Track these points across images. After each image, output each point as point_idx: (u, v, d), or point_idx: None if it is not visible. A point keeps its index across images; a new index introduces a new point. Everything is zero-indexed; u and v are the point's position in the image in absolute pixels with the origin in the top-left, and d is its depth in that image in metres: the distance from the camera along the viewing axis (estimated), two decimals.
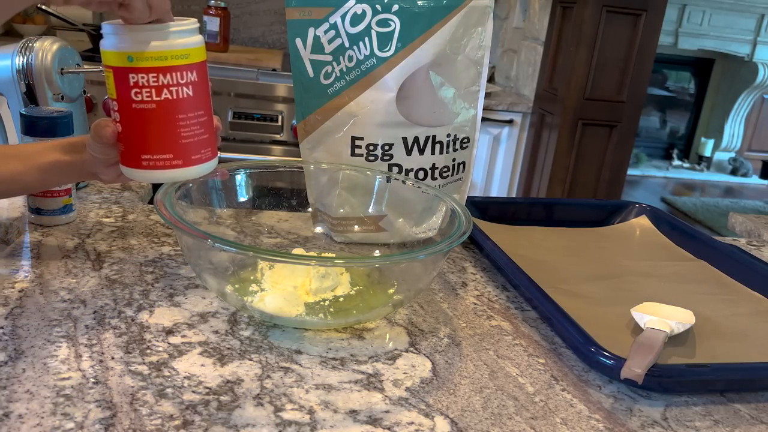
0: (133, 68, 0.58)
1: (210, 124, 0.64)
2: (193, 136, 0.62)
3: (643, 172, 5.29)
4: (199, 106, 0.62)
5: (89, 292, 0.67)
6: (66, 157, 0.69)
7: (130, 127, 0.61)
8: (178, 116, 0.61)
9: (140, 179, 0.64)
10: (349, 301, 0.69)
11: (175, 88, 0.60)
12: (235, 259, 0.72)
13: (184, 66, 0.60)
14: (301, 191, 0.88)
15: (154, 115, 0.60)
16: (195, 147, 0.62)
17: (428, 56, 0.80)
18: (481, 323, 0.70)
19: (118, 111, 0.61)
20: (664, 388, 0.61)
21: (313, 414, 0.52)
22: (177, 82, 0.59)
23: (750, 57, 5.10)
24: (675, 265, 0.91)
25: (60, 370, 0.54)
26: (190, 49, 0.60)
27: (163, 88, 0.59)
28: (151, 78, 0.59)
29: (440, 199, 0.78)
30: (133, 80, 0.58)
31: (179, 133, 0.61)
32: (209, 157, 0.64)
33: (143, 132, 0.61)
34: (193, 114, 0.61)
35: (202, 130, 0.62)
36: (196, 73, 0.61)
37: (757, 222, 1.23)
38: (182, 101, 0.60)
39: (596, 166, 2.42)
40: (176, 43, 0.59)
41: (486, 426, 0.53)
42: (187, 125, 0.61)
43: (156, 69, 0.58)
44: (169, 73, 0.59)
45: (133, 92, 0.59)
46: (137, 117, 0.60)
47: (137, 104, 0.59)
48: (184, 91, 0.60)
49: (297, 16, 0.81)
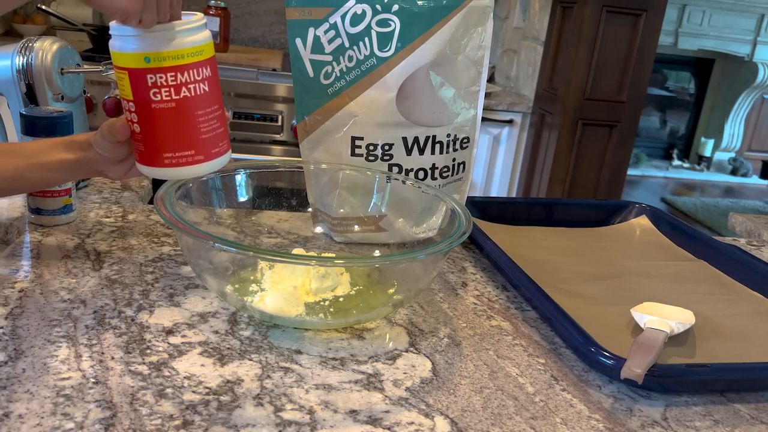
0: (151, 69, 0.59)
1: (224, 117, 0.65)
2: (212, 131, 0.63)
3: (643, 172, 5.29)
4: (214, 100, 0.63)
5: (89, 292, 0.67)
6: (71, 155, 0.69)
7: (150, 127, 0.62)
8: (197, 113, 0.62)
9: (162, 177, 0.65)
10: (349, 301, 0.69)
11: (193, 86, 0.60)
12: (235, 259, 0.72)
13: (199, 62, 0.61)
14: (301, 191, 0.88)
15: (175, 114, 0.61)
16: (214, 141, 0.64)
17: (428, 56, 0.80)
18: (481, 323, 0.70)
19: (136, 112, 0.61)
20: (664, 388, 0.61)
21: (313, 414, 0.52)
22: (194, 79, 0.60)
23: (750, 57, 5.10)
24: (675, 265, 0.91)
25: (60, 370, 0.54)
26: (203, 45, 0.61)
27: (181, 87, 0.60)
28: (170, 77, 0.59)
29: (440, 199, 0.78)
30: (152, 81, 0.59)
31: (199, 129, 0.62)
32: (226, 150, 0.66)
33: (164, 131, 0.61)
34: (210, 109, 0.63)
35: (218, 123, 0.64)
36: (209, 69, 0.62)
37: (757, 222, 1.23)
38: (200, 97, 0.61)
39: (596, 166, 2.42)
40: (190, 40, 0.60)
41: (486, 426, 0.53)
42: (206, 120, 0.62)
43: (174, 68, 0.59)
44: (187, 71, 0.60)
45: (152, 92, 0.60)
46: (157, 117, 0.61)
47: (157, 104, 0.60)
48: (201, 88, 0.61)
49: (297, 16, 0.81)
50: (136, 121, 0.62)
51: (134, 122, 0.62)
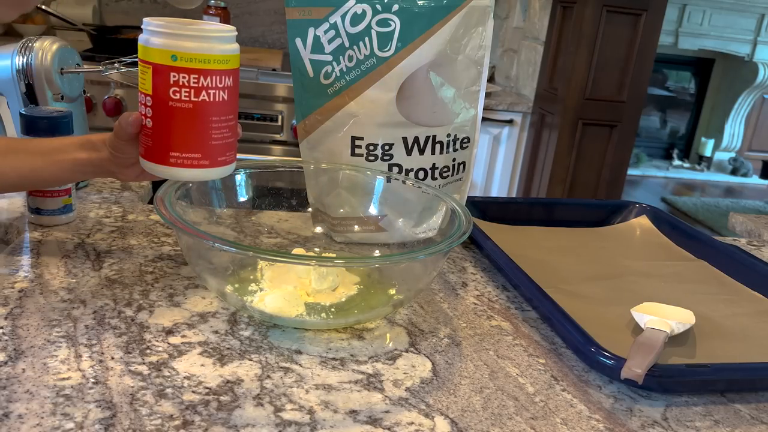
0: (175, 67, 0.60)
1: (235, 128, 0.66)
2: (222, 139, 0.64)
3: (644, 172, 5.29)
4: (230, 110, 0.64)
5: (89, 292, 0.67)
6: (85, 154, 0.70)
7: (163, 123, 0.62)
8: (211, 118, 0.63)
9: (164, 176, 0.65)
10: (349, 301, 0.69)
11: (213, 91, 0.62)
12: (235, 259, 0.72)
13: (223, 71, 0.62)
14: (301, 191, 0.88)
15: (190, 115, 0.62)
16: (222, 149, 0.64)
17: (428, 56, 0.80)
18: (481, 323, 0.70)
19: (152, 107, 0.62)
20: (664, 388, 0.61)
21: (313, 414, 0.52)
22: (215, 86, 0.62)
23: (750, 57, 5.09)
24: (675, 265, 0.91)
25: (60, 370, 0.54)
26: (230, 55, 0.63)
27: (201, 90, 0.61)
28: (192, 78, 0.60)
29: (440, 199, 0.78)
30: (174, 79, 0.60)
31: (210, 135, 0.63)
32: (232, 160, 0.67)
33: (176, 130, 0.62)
34: (225, 118, 0.64)
35: (229, 133, 0.65)
36: (231, 79, 0.63)
37: (757, 222, 1.23)
38: (217, 104, 0.62)
39: (596, 166, 2.41)
40: (219, 48, 0.61)
41: (486, 426, 0.53)
42: (218, 128, 0.63)
43: (198, 70, 0.60)
44: (210, 76, 0.61)
45: (172, 90, 0.61)
46: (172, 115, 0.62)
47: (174, 102, 0.61)
48: (221, 95, 0.62)
49: (297, 16, 0.81)
50: (149, 116, 0.63)
51: (147, 116, 0.63)
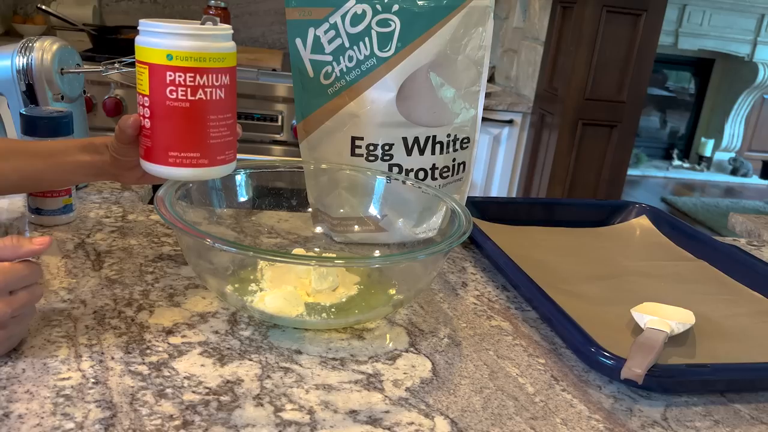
0: (171, 66, 0.60)
1: (234, 127, 0.66)
2: (220, 137, 0.64)
3: (643, 172, 5.29)
4: (228, 109, 0.64)
5: (89, 292, 0.67)
6: (88, 157, 0.70)
7: (161, 123, 0.63)
8: (209, 117, 0.63)
9: (164, 176, 0.65)
10: (349, 301, 0.69)
11: (209, 90, 0.62)
12: (235, 259, 0.72)
13: (219, 69, 0.62)
14: (301, 191, 0.88)
15: (187, 114, 0.62)
16: (220, 148, 0.64)
17: (428, 56, 0.80)
18: (481, 323, 0.70)
19: (149, 107, 0.62)
20: (664, 388, 0.61)
21: (313, 414, 0.52)
22: (212, 84, 0.62)
23: (750, 57, 5.10)
24: (675, 265, 0.91)
25: (60, 370, 0.54)
26: (226, 53, 0.63)
27: (198, 89, 0.61)
28: (188, 77, 0.61)
29: (440, 199, 0.78)
30: (170, 78, 0.60)
31: (208, 134, 0.63)
32: (231, 159, 0.67)
33: (174, 129, 0.62)
34: (223, 116, 0.64)
35: (228, 132, 0.65)
36: (228, 77, 0.63)
37: (757, 222, 1.23)
38: (214, 103, 0.62)
39: (596, 166, 2.41)
40: (214, 46, 0.62)
41: (486, 426, 0.53)
42: (216, 126, 0.63)
43: (194, 69, 0.61)
44: (206, 75, 0.61)
45: (169, 90, 0.61)
46: (170, 114, 0.62)
47: (171, 102, 0.61)
48: (217, 93, 0.62)
49: (297, 16, 0.81)
50: (147, 117, 0.63)
51: (146, 117, 0.63)
